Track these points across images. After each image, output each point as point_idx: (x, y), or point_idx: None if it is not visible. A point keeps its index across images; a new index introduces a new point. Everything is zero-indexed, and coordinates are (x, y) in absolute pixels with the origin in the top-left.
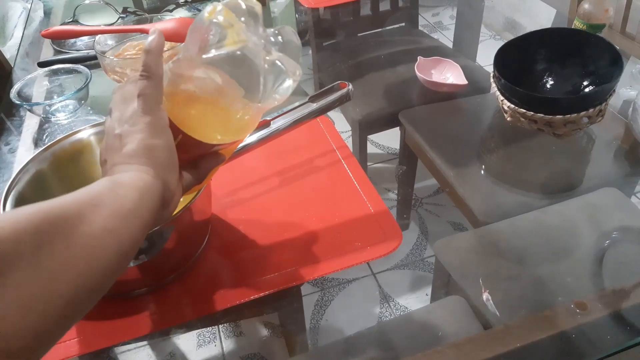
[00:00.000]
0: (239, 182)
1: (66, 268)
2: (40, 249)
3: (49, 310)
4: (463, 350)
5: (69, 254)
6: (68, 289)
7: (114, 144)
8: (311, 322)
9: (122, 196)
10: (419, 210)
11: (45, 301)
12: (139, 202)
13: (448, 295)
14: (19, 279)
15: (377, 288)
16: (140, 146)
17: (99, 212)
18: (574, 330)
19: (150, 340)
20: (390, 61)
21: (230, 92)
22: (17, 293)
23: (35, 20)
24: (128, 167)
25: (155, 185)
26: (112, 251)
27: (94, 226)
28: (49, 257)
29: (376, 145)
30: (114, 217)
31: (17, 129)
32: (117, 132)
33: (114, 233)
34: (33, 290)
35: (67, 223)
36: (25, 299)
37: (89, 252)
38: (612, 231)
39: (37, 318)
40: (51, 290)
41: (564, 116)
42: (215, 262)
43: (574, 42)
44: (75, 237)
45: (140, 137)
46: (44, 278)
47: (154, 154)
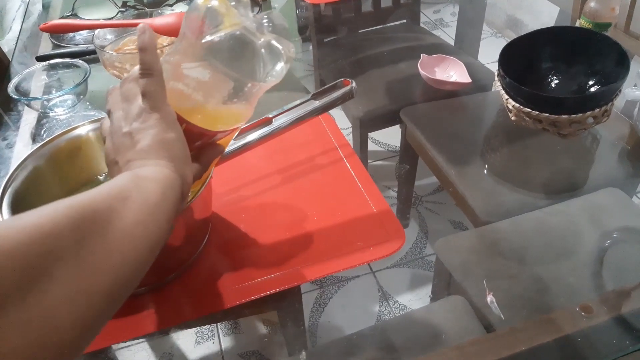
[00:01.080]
0: (239, 180)
1: (104, 261)
2: (80, 244)
3: (92, 303)
4: (467, 353)
5: (106, 247)
6: (107, 282)
7: (123, 142)
8: (310, 320)
9: (147, 190)
10: (419, 208)
11: (88, 294)
12: (163, 196)
13: (449, 295)
14: (64, 274)
15: (376, 286)
16: (154, 141)
17: (128, 205)
18: (579, 334)
19: (148, 338)
20: (391, 58)
21: (232, 76)
22: (63, 287)
23: (33, 14)
24: (146, 162)
25: (175, 178)
26: (143, 243)
27: (125, 220)
28: (89, 251)
29: (376, 143)
30: (142, 210)
31: (14, 124)
32: (125, 131)
33: (144, 226)
34: (77, 284)
35: (101, 218)
36: (72, 293)
37: (124, 245)
38: (614, 231)
39: (83, 311)
40: (93, 283)
41: (569, 116)
42: (215, 261)
43: (580, 40)
44: (109, 231)
45: (153, 132)
46: (86, 272)
47: (169, 148)
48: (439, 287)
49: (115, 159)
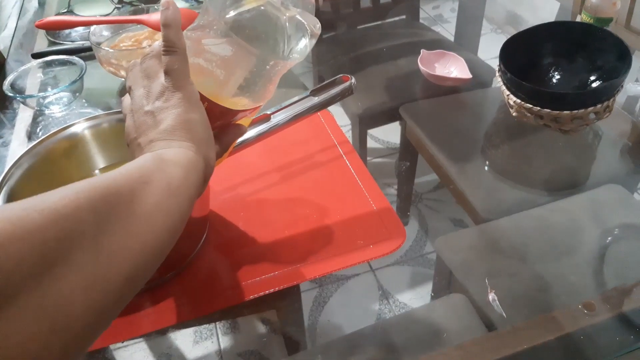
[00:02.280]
0: (237, 177)
1: (124, 247)
2: (100, 229)
3: (109, 289)
4: (469, 352)
5: (125, 232)
6: (126, 267)
7: (145, 121)
8: (309, 319)
9: (169, 173)
10: (419, 205)
11: (106, 280)
12: (185, 179)
13: (449, 293)
14: (81, 259)
15: (376, 285)
16: (178, 121)
17: (149, 189)
18: (581, 332)
19: (146, 337)
20: (391, 54)
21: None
22: (80, 273)
23: (29, 11)
24: (169, 144)
25: (198, 161)
26: (164, 228)
27: (146, 204)
28: (108, 236)
29: (376, 140)
30: (164, 194)
31: (10, 122)
32: (147, 109)
33: (165, 210)
34: (95, 270)
35: (122, 201)
36: (88, 279)
37: (144, 230)
38: (615, 228)
39: (99, 297)
40: (111, 269)
41: (571, 112)
42: (213, 260)
43: (581, 36)
44: (130, 215)
45: (176, 112)
46: (104, 257)
47: (192, 129)
48: (440, 286)
49: (137, 138)
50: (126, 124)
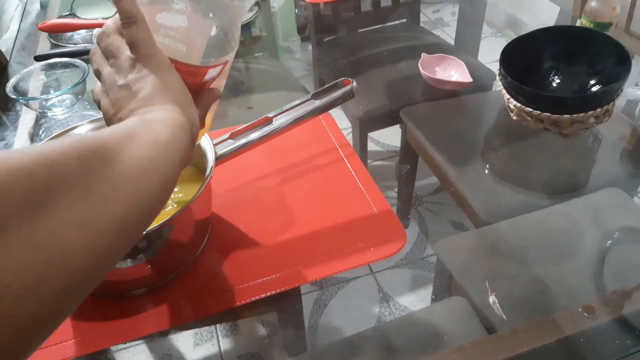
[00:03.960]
0: (239, 180)
1: (115, 192)
2: (88, 173)
3: (103, 232)
4: (469, 355)
5: (116, 177)
6: (119, 212)
7: (121, 95)
8: (309, 322)
9: (156, 130)
10: (419, 208)
11: (99, 222)
12: (173, 136)
13: (449, 296)
14: (71, 200)
15: (376, 287)
16: (155, 87)
17: (136, 143)
18: (581, 335)
19: (147, 339)
20: (391, 58)
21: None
22: (72, 213)
23: (31, 13)
24: (151, 109)
25: (183, 120)
26: (155, 179)
27: (134, 155)
28: (97, 181)
29: (376, 143)
30: (152, 147)
31: (12, 124)
32: (122, 84)
33: (154, 161)
34: (86, 211)
35: (109, 152)
36: (80, 218)
37: (134, 177)
38: (615, 231)
39: (94, 237)
40: (103, 212)
41: (571, 115)
42: (215, 262)
43: (581, 40)
44: (119, 164)
45: (151, 79)
46: (95, 200)
47: (171, 92)
48: (440, 288)
49: (117, 114)
50: (102, 105)
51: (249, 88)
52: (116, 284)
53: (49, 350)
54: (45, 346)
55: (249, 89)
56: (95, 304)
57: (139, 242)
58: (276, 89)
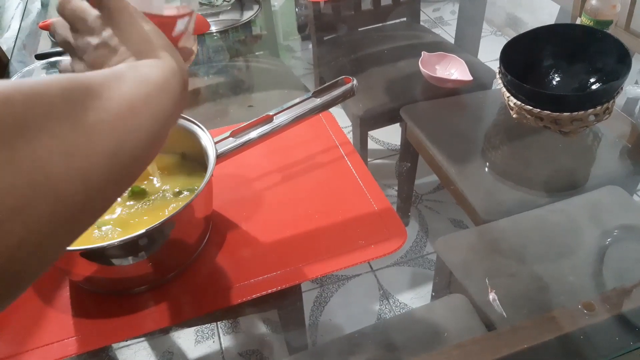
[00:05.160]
0: (240, 178)
1: (102, 125)
2: (72, 104)
3: (92, 162)
4: (469, 352)
5: (102, 112)
6: (111, 143)
7: (100, 54)
8: (310, 319)
9: (145, 72)
10: (419, 206)
11: (86, 152)
12: (164, 76)
13: (449, 293)
14: (54, 128)
15: (376, 285)
16: (135, 38)
17: (124, 83)
18: (581, 332)
19: (149, 337)
20: (391, 56)
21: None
22: (55, 140)
23: (32, 12)
24: (137, 58)
25: (172, 64)
26: (146, 118)
27: (122, 92)
28: (82, 112)
29: (376, 141)
30: (141, 87)
31: None
32: (97, 43)
33: (145, 101)
34: (71, 139)
35: (95, 87)
36: (65, 146)
37: (123, 113)
38: (614, 229)
39: (81, 167)
40: (90, 142)
41: (571, 113)
42: (216, 259)
43: (581, 38)
44: (105, 99)
45: (129, 31)
46: (81, 130)
47: (152, 40)
48: (440, 286)
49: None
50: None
51: (249, 86)
52: (118, 281)
53: (51, 348)
54: (47, 343)
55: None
56: (97, 301)
57: (140, 239)
58: (277, 88)
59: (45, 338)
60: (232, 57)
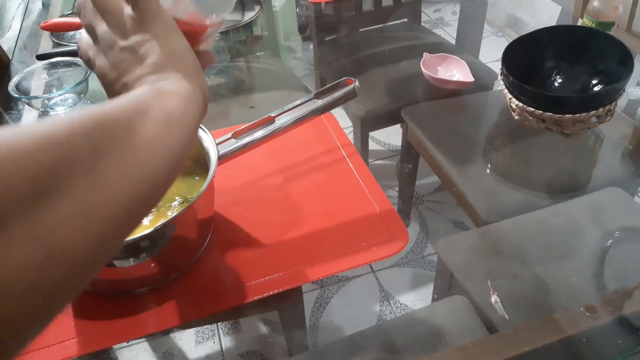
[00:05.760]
0: (242, 179)
1: (122, 175)
2: (96, 155)
3: (108, 219)
4: (471, 354)
5: (123, 160)
6: (125, 197)
7: (125, 58)
8: (310, 320)
9: (169, 103)
10: (419, 207)
11: (103, 210)
12: (186, 110)
13: (450, 295)
14: (77, 187)
15: (377, 286)
16: (164, 53)
17: (148, 120)
18: (583, 334)
19: (149, 337)
20: (392, 57)
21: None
22: (76, 201)
23: (33, 12)
24: (162, 76)
25: (196, 90)
26: (165, 159)
27: (145, 133)
28: (105, 164)
29: (377, 142)
30: (164, 124)
31: (15, 123)
32: (124, 45)
33: (165, 140)
34: (92, 198)
35: (119, 129)
36: (86, 207)
37: (143, 159)
38: (616, 231)
39: (98, 226)
40: (109, 198)
41: (573, 115)
42: (217, 261)
43: (583, 39)
44: (128, 143)
45: (159, 43)
46: (102, 186)
47: (181, 59)
48: (441, 287)
49: (119, 78)
50: (97, 67)
51: (250, 87)
52: (119, 282)
53: (52, 349)
54: (48, 345)
55: (250, 88)
56: (98, 302)
57: (142, 241)
58: (278, 89)
59: (46, 339)
60: (233, 57)
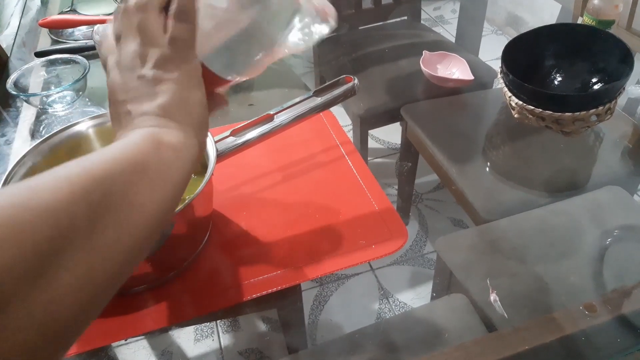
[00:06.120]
0: (241, 177)
1: (116, 242)
2: (93, 223)
3: (97, 289)
4: (470, 352)
5: (119, 226)
6: (116, 263)
7: (138, 87)
8: (309, 318)
9: (167, 161)
10: (419, 206)
11: (95, 280)
12: (182, 167)
13: (450, 293)
14: (74, 260)
15: (376, 284)
16: (177, 99)
17: (144, 180)
18: (582, 333)
19: (148, 335)
20: (392, 55)
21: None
22: (72, 276)
23: (32, 9)
24: (166, 123)
25: (195, 147)
26: (155, 221)
27: (140, 196)
28: (101, 231)
29: (376, 140)
30: (159, 184)
31: (13, 120)
32: (142, 74)
33: (159, 200)
34: (86, 269)
35: (117, 191)
36: (80, 280)
37: (136, 222)
38: (615, 229)
39: (88, 297)
40: (101, 266)
41: (573, 114)
42: (216, 259)
43: (583, 38)
44: (124, 208)
45: (176, 88)
46: (96, 257)
47: (191, 111)
48: (440, 286)
49: (126, 103)
50: (111, 79)
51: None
52: None
53: None
54: None
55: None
56: None
57: None
58: (277, 86)
59: None
60: None
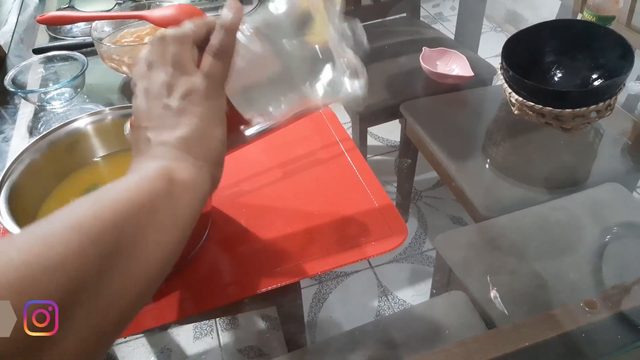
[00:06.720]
0: (240, 174)
1: (121, 292)
2: (102, 276)
3: (101, 341)
4: (470, 349)
5: (125, 276)
6: (118, 314)
7: (162, 115)
8: (309, 315)
9: (177, 201)
10: (418, 203)
11: (100, 333)
12: (193, 208)
13: (449, 290)
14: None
15: (375, 281)
16: (198, 134)
17: (155, 224)
18: (583, 330)
19: (147, 333)
20: (391, 52)
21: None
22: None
23: (30, 6)
24: (183, 156)
25: (207, 184)
26: (161, 262)
27: (149, 242)
28: (108, 283)
29: (375, 138)
30: (168, 226)
31: (11, 117)
32: (168, 103)
33: (166, 244)
34: (90, 324)
35: (127, 239)
36: (85, 336)
37: (142, 270)
38: (614, 226)
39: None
40: (106, 322)
41: (573, 110)
42: (215, 256)
43: (583, 34)
44: (132, 258)
45: (199, 122)
46: (101, 310)
47: (210, 147)
48: (440, 283)
49: (148, 129)
50: (136, 104)
51: None
52: None
53: None
54: None
55: None
56: None
57: None
58: None
59: None
60: None
